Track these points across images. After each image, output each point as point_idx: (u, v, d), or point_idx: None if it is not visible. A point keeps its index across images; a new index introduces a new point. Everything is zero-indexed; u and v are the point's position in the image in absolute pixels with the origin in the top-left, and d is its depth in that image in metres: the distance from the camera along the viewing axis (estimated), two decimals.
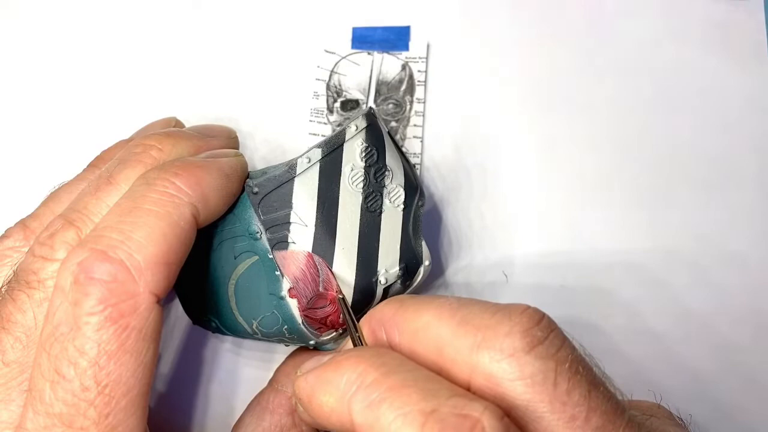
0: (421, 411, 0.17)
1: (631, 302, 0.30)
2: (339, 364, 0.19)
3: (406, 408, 0.17)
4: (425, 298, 0.21)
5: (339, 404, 0.18)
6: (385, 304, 0.21)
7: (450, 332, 0.19)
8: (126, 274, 0.20)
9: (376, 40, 0.33)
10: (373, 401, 0.18)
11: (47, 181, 0.26)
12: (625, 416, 0.18)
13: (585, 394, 0.18)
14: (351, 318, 0.23)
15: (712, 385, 0.29)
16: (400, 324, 0.20)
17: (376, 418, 0.17)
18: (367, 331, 0.22)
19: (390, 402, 0.17)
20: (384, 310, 0.21)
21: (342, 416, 0.18)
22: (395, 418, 0.17)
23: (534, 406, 0.18)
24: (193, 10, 0.34)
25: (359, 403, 0.18)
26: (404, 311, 0.20)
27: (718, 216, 0.31)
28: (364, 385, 0.18)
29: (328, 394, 0.19)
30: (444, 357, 0.19)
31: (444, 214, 0.31)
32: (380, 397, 0.18)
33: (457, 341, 0.19)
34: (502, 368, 0.18)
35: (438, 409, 0.17)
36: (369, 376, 0.18)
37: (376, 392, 0.18)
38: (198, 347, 0.30)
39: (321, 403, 0.19)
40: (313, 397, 0.19)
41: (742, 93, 0.32)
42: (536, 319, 0.19)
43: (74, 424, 0.19)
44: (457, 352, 0.19)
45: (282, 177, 0.24)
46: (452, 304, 0.20)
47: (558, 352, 0.18)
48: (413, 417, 0.17)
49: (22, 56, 0.34)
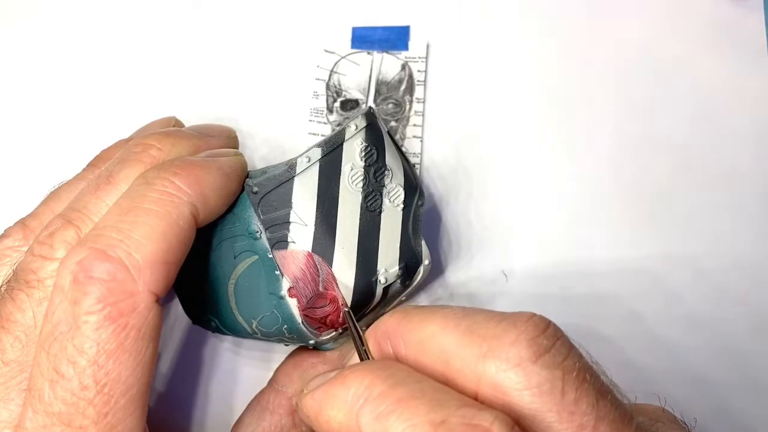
0: (430, 422, 0.17)
1: (631, 303, 0.30)
2: (345, 378, 0.19)
3: (415, 419, 0.17)
4: (430, 308, 0.20)
5: (347, 418, 0.18)
6: (390, 315, 0.21)
7: (455, 342, 0.19)
8: (125, 273, 0.20)
9: (376, 40, 0.33)
10: (382, 413, 0.17)
11: (47, 181, 0.26)
12: (633, 424, 0.18)
13: (593, 402, 0.18)
14: (357, 331, 0.23)
15: (716, 389, 0.29)
16: (405, 335, 0.20)
17: (385, 430, 0.17)
18: (372, 344, 0.21)
19: (399, 414, 0.17)
20: (388, 322, 0.21)
21: (350, 430, 0.18)
22: (404, 429, 0.17)
23: (542, 416, 0.17)
24: (193, 10, 0.34)
25: (367, 415, 0.18)
26: (408, 322, 0.20)
27: (719, 217, 0.31)
28: (371, 398, 0.18)
29: (336, 408, 0.19)
30: (450, 367, 0.19)
31: (444, 213, 0.31)
32: (388, 409, 0.17)
33: (462, 351, 0.18)
34: (508, 378, 0.18)
35: (447, 420, 0.17)
36: (376, 389, 0.18)
37: (384, 404, 0.18)
38: (197, 347, 0.30)
39: (329, 418, 0.19)
40: (321, 413, 0.19)
41: (742, 93, 0.32)
42: (542, 327, 0.18)
43: (73, 423, 0.19)
44: (464, 362, 0.18)
45: (282, 176, 0.24)
46: (457, 313, 0.19)
47: (565, 361, 0.18)
48: (422, 428, 0.17)
49: (22, 56, 0.34)
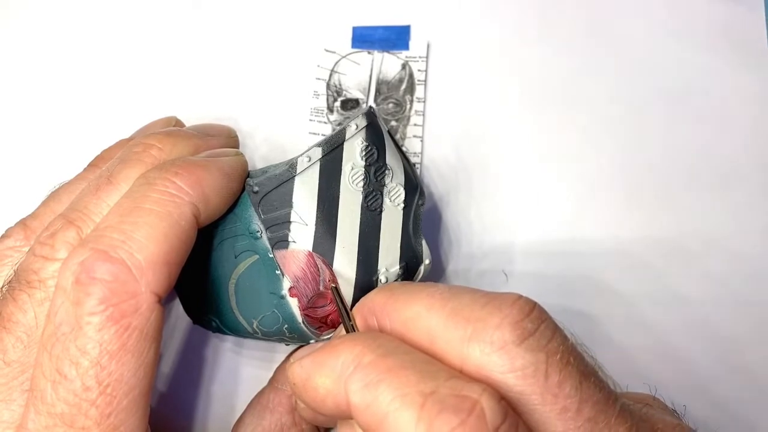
0: (419, 392, 0.17)
1: (631, 302, 0.30)
2: (335, 347, 0.19)
3: (404, 389, 0.17)
4: (416, 286, 0.20)
5: (335, 385, 0.18)
6: (376, 292, 0.21)
7: (441, 324, 0.19)
8: (127, 273, 0.20)
9: (376, 40, 0.33)
10: (371, 381, 0.17)
11: (47, 181, 0.26)
12: (617, 405, 0.18)
13: (576, 385, 0.18)
14: (344, 306, 0.23)
15: (709, 378, 0.29)
16: (390, 313, 0.20)
17: (374, 398, 0.17)
18: (359, 320, 0.22)
19: (388, 383, 0.17)
20: (375, 299, 0.21)
21: (338, 398, 0.18)
22: (393, 398, 0.17)
23: (526, 399, 0.18)
24: (193, 10, 0.34)
25: (356, 383, 0.18)
26: (395, 301, 0.20)
27: (717, 214, 0.31)
28: (361, 366, 0.18)
29: (324, 376, 0.19)
30: (435, 347, 0.19)
31: (444, 213, 0.31)
32: (378, 378, 0.17)
33: (447, 333, 0.19)
34: (492, 361, 0.18)
35: (437, 391, 0.17)
36: (366, 357, 0.18)
37: (373, 373, 0.18)
38: (199, 347, 0.30)
39: (317, 385, 0.19)
40: (309, 380, 0.19)
41: (742, 92, 0.33)
42: (527, 310, 0.18)
43: (76, 423, 0.19)
44: (448, 343, 0.18)
45: (282, 176, 0.24)
46: (443, 293, 0.19)
47: (549, 344, 0.18)
48: (412, 398, 0.17)
49: (22, 56, 0.34)
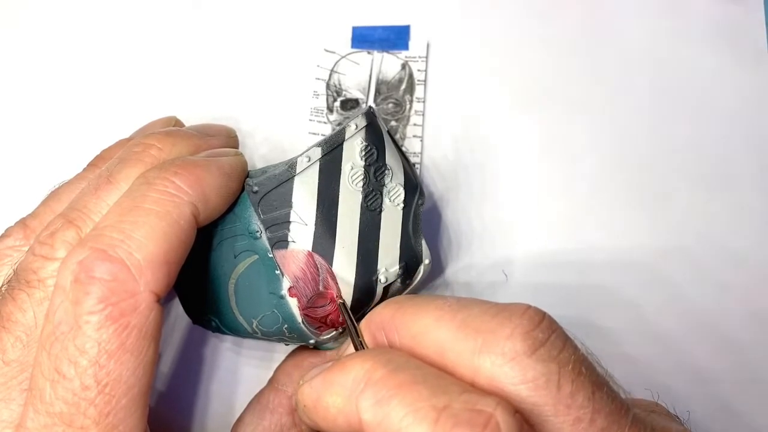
0: (432, 407, 0.16)
1: (631, 301, 0.30)
2: (344, 364, 0.19)
3: (417, 404, 0.17)
4: (424, 299, 0.20)
5: (347, 404, 0.18)
6: (384, 306, 0.21)
7: (450, 336, 0.19)
8: (126, 273, 0.20)
9: (376, 40, 0.33)
10: (383, 398, 0.17)
11: (47, 181, 0.26)
12: (630, 415, 0.18)
13: (589, 395, 0.18)
14: (352, 323, 0.23)
15: (712, 384, 0.29)
16: (399, 328, 0.20)
17: (386, 414, 0.17)
18: (367, 336, 0.21)
19: (400, 398, 0.17)
20: (383, 313, 0.21)
21: (350, 416, 0.18)
22: (406, 414, 0.17)
23: (538, 410, 0.17)
24: (193, 10, 0.34)
25: (368, 400, 0.18)
26: (402, 314, 0.20)
27: (718, 215, 0.31)
28: (372, 382, 0.18)
29: (335, 394, 0.18)
30: (446, 360, 0.19)
31: (444, 213, 0.31)
32: (389, 394, 0.17)
33: (458, 345, 0.18)
34: (504, 372, 0.18)
35: (450, 405, 0.16)
36: (376, 373, 0.18)
37: (384, 389, 0.17)
38: (198, 346, 0.30)
39: (327, 405, 0.19)
40: (320, 400, 0.19)
41: (742, 92, 0.33)
42: (537, 320, 0.18)
43: (75, 423, 0.19)
44: (459, 356, 0.18)
45: (282, 176, 0.24)
46: (452, 305, 0.19)
47: (560, 354, 0.18)
48: (425, 413, 0.16)
49: (22, 56, 0.34)
